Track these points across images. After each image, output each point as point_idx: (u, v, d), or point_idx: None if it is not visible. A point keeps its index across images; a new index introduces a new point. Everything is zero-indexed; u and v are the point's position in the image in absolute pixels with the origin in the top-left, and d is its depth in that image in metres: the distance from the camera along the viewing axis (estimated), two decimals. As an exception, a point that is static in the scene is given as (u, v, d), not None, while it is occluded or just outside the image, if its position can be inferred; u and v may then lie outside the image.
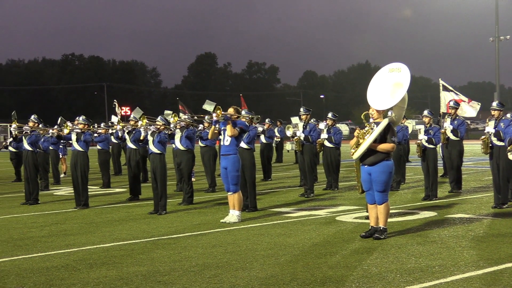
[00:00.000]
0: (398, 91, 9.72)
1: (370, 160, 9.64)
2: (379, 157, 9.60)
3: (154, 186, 13.56)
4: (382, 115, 9.81)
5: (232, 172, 11.89)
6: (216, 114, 11.75)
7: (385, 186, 9.61)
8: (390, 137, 9.59)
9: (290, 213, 12.90)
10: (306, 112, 16.39)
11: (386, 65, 10.09)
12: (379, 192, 9.60)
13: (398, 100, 9.67)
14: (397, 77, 9.84)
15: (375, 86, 9.95)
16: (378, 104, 9.76)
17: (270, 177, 21.69)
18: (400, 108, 9.98)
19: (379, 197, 9.63)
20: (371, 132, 9.63)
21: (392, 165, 9.69)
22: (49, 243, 10.13)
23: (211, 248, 9.30)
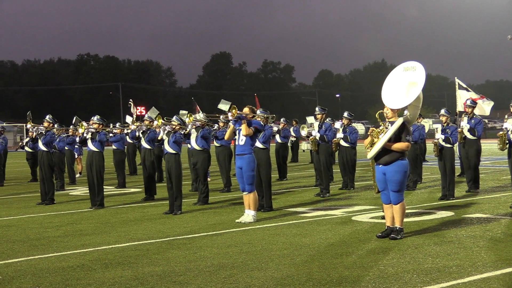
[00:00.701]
0: (413, 90, 9.68)
1: (385, 160, 9.61)
2: (393, 156, 9.57)
3: (169, 186, 13.59)
4: (397, 114, 9.77)
5: (248, 171, 11.90)
6: (232, 113, 11.76)
7: (400, 186, 9.57)
8: (405, 136, 9.56)
9: (306, 213, 12.88)
10: (321, 112, 16.36)
11: (401, 64, 10.05)
12: (394, 192, 9.57)
13: (413, 99, 9.64)
14: (412, 76, 9.80)
15: (390, 85, 9.92)
16: (393, 103, 9.72)
17: (285, 177, 21.67)
18: (415, 107, 9.94)
19: (394, 197, 9.59)
20: (386, 131, 9.61)
21: (407, 165, 9.65)
22: (65, 243, 10.18)
23: (226, 248, 9.31)
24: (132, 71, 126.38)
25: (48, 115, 16.70)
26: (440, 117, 15.35)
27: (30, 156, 23.62)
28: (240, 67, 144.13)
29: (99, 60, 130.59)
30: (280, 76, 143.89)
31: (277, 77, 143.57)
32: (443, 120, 15.07)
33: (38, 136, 16.11)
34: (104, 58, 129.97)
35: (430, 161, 26.49)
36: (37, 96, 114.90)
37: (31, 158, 23.52)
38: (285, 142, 22.81)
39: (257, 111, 13.11)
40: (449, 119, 15.16)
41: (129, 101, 22.13)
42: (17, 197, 18.14)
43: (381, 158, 9.64)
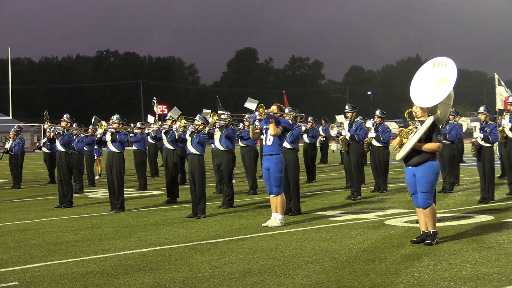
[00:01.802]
0: (444, 87, 9.62)
1: (415, 161, 9.56)
2: (424, 157, 9.52)
3: (193, 188, 13.63)
4: (427, 113, 9.71)
5: (275, 173, 11.89)
6: (259, 112, 11.76)
7: (429, 187, 9.51)
8: (436, 136, 9.50)
9: (336, 217, 12.85)
10: (352, 110, 16.30)
11: (430, 60, 9.99)
12: (422, 193, 9.50)
13: (444, 97, 9.57)
14: (442, 72, 9.73)
15: (419, 83, 9.86)
16: (422, 101, 9.67)
17: (314, 179, 21.64)
18: (445, 105, 9.87)
19: (423, 200, 9.52)
20: (415, 131, 9.55)
21: (438, 166, 9.59)
22: (84, 248, 10.26)
23: (252, 254, 9.31)
24: (153, 68, 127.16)
25: (66, 115, 16.84)
26: (479, 115, 15.21)
27: (47, 157, 23.82)
28: (267, 64, 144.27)
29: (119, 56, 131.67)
30: (308, 72, 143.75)
31: (305, 73, 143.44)
32: (482, 118, 14.93)
33: (56, 137, 16.24)
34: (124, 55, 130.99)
35: (468, 162, 26.26)
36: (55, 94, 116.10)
37: (48, 159, 23.73)
38: (313, 142, 22.75)
39: (285, 110, 13.10)
40: (488, 117, 15.02)
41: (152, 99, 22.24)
42: (34, 200, 18.33)
43: (411, 159, 9.59)
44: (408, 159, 9.62)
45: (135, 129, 20.53)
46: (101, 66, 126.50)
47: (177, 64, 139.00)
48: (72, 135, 16.73)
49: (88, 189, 20.92)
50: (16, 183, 22.55)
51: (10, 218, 14.21)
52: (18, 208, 16.18)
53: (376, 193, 17.16)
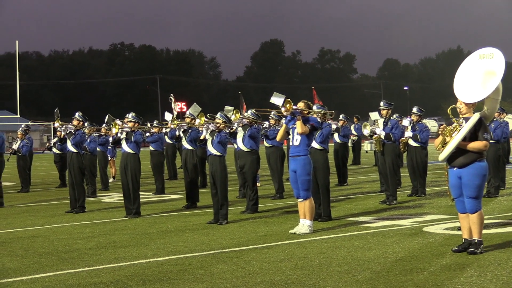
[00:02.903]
0: (491, 80, 9.54)
1: (460, 162, 9.49)
2: (470, 157, 9.44)
3: (214, 192, 13.65)
4: (472, 109, 9.64)
5: (303, 176, 11.88)
6: (286, 108, 11.74)
7: (477, 192, 9.43)
8: (482, 134, 9.42)
9: (370, 223, 12.81)
10: (387, 107, 16.24)
11: (476, 51, 9.91)
12: (470, 198, 9.44)
13: (491, 91, 9.49)
14: (489, 64, 9.65)
15: (464, 76, 9.79)
16: (467, 96, 9.59)
17: (346, 182, 21.59)
18: (493, 101, 9.78)
19: (471, 205, 9.46)
20: (460, 129, 9.48)
21: (485, 167, 9.51)
22: (97, 256, 10.33)
23: (278, 263, 9.31)
24: (171, 62, 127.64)
25: (78, 113, 16.91)
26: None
27: (58, 159, 23.97)
28: (294, 57, 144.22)
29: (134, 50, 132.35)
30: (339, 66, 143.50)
31: (336, 67, 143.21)
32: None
33: (67, 136, 16.34)
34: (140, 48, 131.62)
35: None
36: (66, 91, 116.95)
37: (59, 160, 23.88)
38: (345, 142, 22.70)
39: (314, 107, 13.08)
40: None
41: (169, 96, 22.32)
42: (44, 204, 18.47)
43: (456, 159, 9.52)
44: (452, 160, 9.55)
45: (151, 128, 20.61)
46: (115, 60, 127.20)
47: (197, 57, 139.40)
48: (84, 134, 16.80)
49: (101, 193, 21.03)
50: (24, 187, 22.73)
51: (18, 224, 14.33)
52: (27, 213, 16.32)
53: (414, 197, 17.08)
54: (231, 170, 20.80)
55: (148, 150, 21.08)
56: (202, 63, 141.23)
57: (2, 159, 18.17)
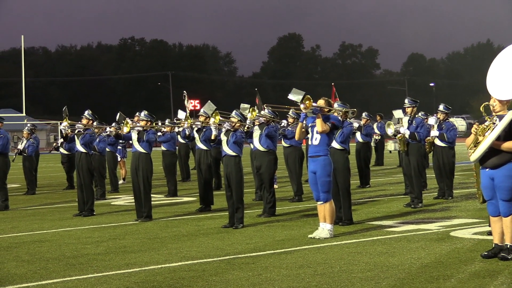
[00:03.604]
0: (526, 76, 9.49)
1: (493, 162, 9.45)
2: (503, 158, 9.40)
3: (229, 195, 13.67)
4: (506, 107, 9.59)
5: (323, 177, 11.87)
6: (305, 105, 11.73)
7: (511, 194, 9.39)
8: (517, 133, 9.38)
9: (394, 227, 12.79)
10: (412, 104, 16.19)
11: (510, 45, 9.86)
12: (504, 201, 9.40)
13: (527, 87, 9.44)
14: (525, 59, 9.61)
15: (497, 72, 9.75)
16: (501, 93, 9.55)
17: (368, 183, 21.55)
18: (529, 97, 9.73)
19: (504, 207, 9.42)
20: (493, 127, 9.44)
21: (520, 168, 9.47)
22: (107, 262, 10.37)
23: (297, 269, 9.31)
24: (184, 58, 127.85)
25: (87, 111, 16.99)
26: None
27: (65, 159, 24.05)
28: (313, 51, 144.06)
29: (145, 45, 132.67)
30: (361, 61, 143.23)
31: (357, 62, 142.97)
32: None
33: (76, 136, 16.39)
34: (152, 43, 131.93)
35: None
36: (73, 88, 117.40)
37: (66, 161, 23.96)
38: (367, 141, 22.65)
39: (334, 104, 13.06)
40: None
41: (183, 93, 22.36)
42: (50, 207, 18.56)
43: (488, 160, 9.48)
44: (484, 160, 9.51)
45: (163, 127, 20.64)
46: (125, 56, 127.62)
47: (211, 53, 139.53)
48: (94, 134, 16.84)
49: (111, 195, 21.11)
50: (30, 189, 22.84)
51: (24, 228, 14.42)
52: (33, 217, 16.41)
53: (440, 200, 17.03)
54: (247, 171, 20.80)
55: (160, 150, 21.11)
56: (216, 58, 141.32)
57: (7, 159, 18.28)
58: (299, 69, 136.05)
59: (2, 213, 17.21)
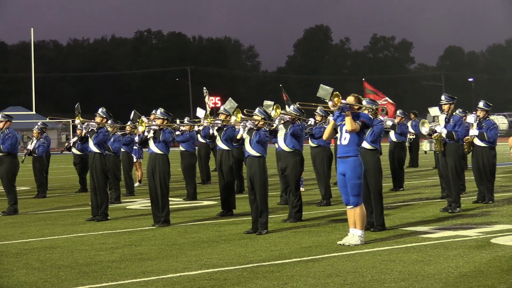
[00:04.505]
0: None
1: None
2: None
3: (252, 198, 13.68)
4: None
5: (353, 179, 11.85)
6: (333, 102, 11.72)
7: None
8: None
9: (429, 233, 12.75)
10: (449, 101, 16.13)
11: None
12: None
13: None
14: None
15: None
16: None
17: (402, 186, 21.49)
18: None
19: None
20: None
21: None
22: (122, 270, 10.41)
23: (325, 278, 9.31)
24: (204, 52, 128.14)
25: (101, 108, 17.01)
26: None
27: (78, 160, 24.17)
28: (342, 45, 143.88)
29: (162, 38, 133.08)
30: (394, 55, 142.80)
31: (390, 56, 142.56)
32: None
33: (89, 135, 16.45)
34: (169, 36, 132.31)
35: None
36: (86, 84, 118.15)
37: (79, 162, 24.08)
38: (402, 141, 22.55)
39: (363, 101, 13.04)
40: None
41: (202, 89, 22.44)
42: (62, 211, 18.67)
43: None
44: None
45: (182, 126, 20.68)
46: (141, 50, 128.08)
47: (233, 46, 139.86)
48: (108, 133, 16.87)
49: (126, 199, 21.20)
50: (40, 191, 22.95)
51: (34, 234, 14.51)
52: (43, 222, 16.51)
53: (480, 204, 16.95)
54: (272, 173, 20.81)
55: (178, 151, 21.15)
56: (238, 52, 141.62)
57: (16, 160, 18.37)
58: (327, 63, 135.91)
59: (11, 218, 17.33)
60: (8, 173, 18.12)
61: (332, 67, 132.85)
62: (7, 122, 18.41)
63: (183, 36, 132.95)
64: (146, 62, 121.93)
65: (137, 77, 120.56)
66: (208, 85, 31.24)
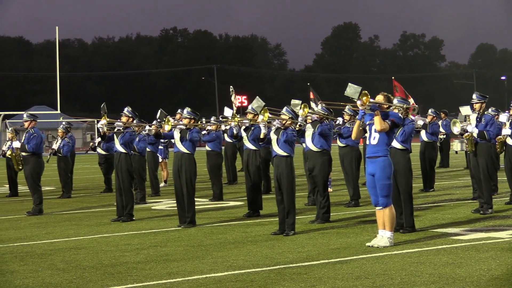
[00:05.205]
0: None
1: None
2: None
3: (279, 199, 13.68)
4: None
5: (382, 180, 11.82)
6: (362, 101, 11.70)
7: None
8: None
9: (460, 235, 12.69)
10: (480, 100, 16.05)
11: None
12: None
13: None
14: None
15: None
16: None
17: (432, 187, 21.40)
18: None
19: None
20: None
21: None
22: (147, 271, 10.45)
23: (354, 281, 9.30)
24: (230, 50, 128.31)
25: (127, 108, 17.05)
26: None
27: (103, 160, 24.24)
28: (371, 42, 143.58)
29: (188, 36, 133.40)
30: (424, 53, 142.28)
31: (420, 54, 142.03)
32: None
33: (115, 135, 16.50)
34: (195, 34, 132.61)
35: None
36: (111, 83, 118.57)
37: (104, 162, 24.16)
38: (433, 140, 22.42)
39: (394, 100, 12.99)
40: None
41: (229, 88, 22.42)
42: (87, 212, 18.77)
43: None
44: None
45: (208, 126, 20.71)
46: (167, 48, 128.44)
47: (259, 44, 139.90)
48: (134, 133, 16.91)
49: (151, 199, 21.27)
50: (65, 192, 23.08)
51: (59, 234, 14.61)
52: (68, 222, 16.61)
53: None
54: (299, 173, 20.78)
55: (204, 151, 21.19)
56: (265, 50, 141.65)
57: (41, 160, 18.48)
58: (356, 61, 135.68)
59: (36, 218, 17.45)
60: (33, 173, 18.23)
61: (361, 65, 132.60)
62: (32, 121, 18.54)
63: (209, 34, 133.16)
64: (172, 60, 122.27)
65: (162, 76, 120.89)
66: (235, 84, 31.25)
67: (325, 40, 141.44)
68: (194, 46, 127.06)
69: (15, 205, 20.79)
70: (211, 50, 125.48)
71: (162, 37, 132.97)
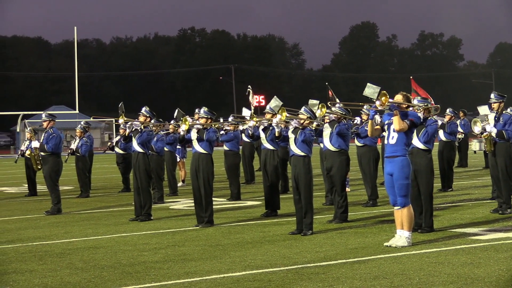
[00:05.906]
0: None
1: None
2: None
3: (297, 198, 13.67)
4: None
5: (400, 179, 11.79)
6: (381, 101, 11.67)
7: None
8: None
9: (479, 235, 12.65)
10: (498, 99, 15.98)
11: None
12: None
13: None
14: None
15: None
16: None
17: (450, 187, 21.33)
18: None
19: None
20: None
21: None
22: (165, 270, 10.48)
23: (372, 281, 9.29)
24: (248, 50, 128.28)
25: (145, 107, 17.07)
26: None
27: (121, 160, 24.29)
28: (389, 42, 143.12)
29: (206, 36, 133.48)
30: (442, 52, 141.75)
31: (438, 54, 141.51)
32: None
33: (132, 134, 16.54)
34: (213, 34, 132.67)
35: None
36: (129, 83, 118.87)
37: (122, 162, 24.21)
38: (451, 140, 22.32)
39: (414, 100, 12.95)
40: None
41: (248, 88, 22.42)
42: (105, 211, 18.82)
43: None
44: None
45: (226, 125, 20.71)
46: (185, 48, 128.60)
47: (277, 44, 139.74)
48: (151, 132, 16.93)
49: (169, 199, 21.30)
50: (83, 191, 23.14)
51: (77, 234, 14.66)
52: (87, 222, 16.66)
53: (531, 206, 16.76)
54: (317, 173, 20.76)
55: (222, 150, 21.20)
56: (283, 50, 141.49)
57: (59, 160, 18.54)
58: (374, 61, 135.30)
59: (55, 217, 17.52)
60: (52, 172, 18.29)
61: (379, 65, 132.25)
62: (51, 121, 18.62)
63: (226, 34, 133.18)
64: (190, 60, 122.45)
65: (180, 76, 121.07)
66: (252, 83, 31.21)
67: (342, 40, 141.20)
68: (212, 46, 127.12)
69: (34, 204, 20.86)
70: (229, 50, 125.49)
71: (180, 37, 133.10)
